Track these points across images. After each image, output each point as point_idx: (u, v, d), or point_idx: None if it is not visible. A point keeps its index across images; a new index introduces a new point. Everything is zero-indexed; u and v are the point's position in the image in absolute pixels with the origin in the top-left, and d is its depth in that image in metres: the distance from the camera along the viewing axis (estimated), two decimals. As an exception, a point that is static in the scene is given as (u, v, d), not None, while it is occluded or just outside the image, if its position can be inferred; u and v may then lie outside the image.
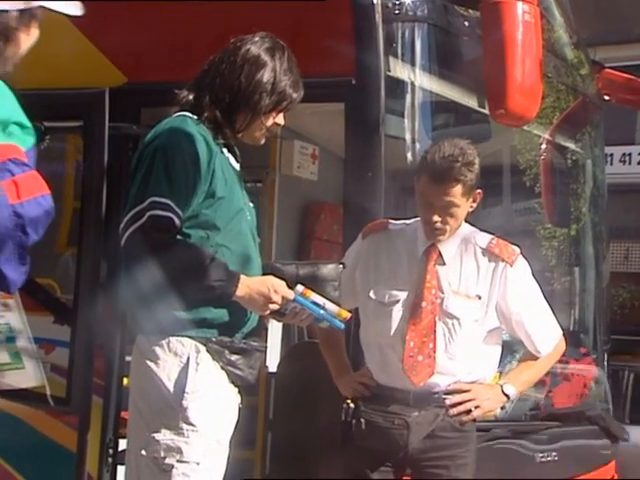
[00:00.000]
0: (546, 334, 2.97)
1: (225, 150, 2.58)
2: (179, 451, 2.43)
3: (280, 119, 2.63)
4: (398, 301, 2.84)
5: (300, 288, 2.48)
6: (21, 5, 1.99)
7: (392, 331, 2.83)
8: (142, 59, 3.60)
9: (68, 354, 3.57)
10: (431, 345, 2.80)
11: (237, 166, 2.64)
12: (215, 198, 2.48)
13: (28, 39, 2.05)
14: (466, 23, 3.44)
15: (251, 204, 2.67)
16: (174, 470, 2.43)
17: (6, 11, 1.98)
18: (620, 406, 4.99)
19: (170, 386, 2.45)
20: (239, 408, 2.58)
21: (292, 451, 3.76)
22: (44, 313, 3.64)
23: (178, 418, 2.43)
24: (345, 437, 2.88)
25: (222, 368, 2.49)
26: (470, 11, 3.34)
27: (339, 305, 2.53)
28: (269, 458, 3.96)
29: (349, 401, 2.90)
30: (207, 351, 2.47)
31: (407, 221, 2.96)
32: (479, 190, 2.83)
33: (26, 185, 1.78)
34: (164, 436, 2.43)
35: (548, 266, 4.25)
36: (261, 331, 2.72)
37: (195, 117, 2.53)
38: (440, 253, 2.86)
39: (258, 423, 3.96)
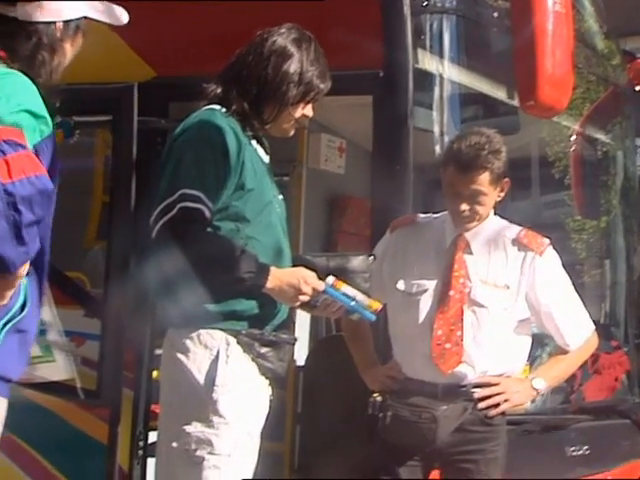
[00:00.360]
0: (576, 327, 2.95)
1: (254, 142, 2.58)
2: (210, 443, 2.44)
3: (308, 110, 2.63)
4: (426, 290, 2.84)
5: (331, 280, 2.47)
6: (67, 16, 2.03)
7: (420, 321, 2.83)
8: (170, 53, 3.60)
9: (98, 347, 3.59)
10: (459, 333, 2.79)
11: (266, 158, 2.65)
12: (245, 190, 2.49)
13: (73, 50, 2.11)
14: (495, 14, 3.42)
15: (280, 196, 2.68)
16: (205, 462, 2.44)
17: (53, 23, 2.02)
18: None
19: (200, 379, 2.45)
20: (270, 401, 2.58)
21: (321, 444, 3.76)
22: (74, 306, 3.67)
23: (208, 410, 2.44)
24: (372, 431, 2.88)
25: (252, 360, 2.50)
26: (499, 2, 3.31)
27: (370, 297, 2.53)
28: (298, 451, 3.96)
29: (376, 394, 2.89)
30: (237, 343, 2.47)
31: (434, 215, 2.95)
32: (507, 179, 2.82)
33: (18, 165, 1.79)
34: (195, 428, 2.44)
35: (578, 259, 4.22)
36: (290, 324, 2.73)
37: (224, 110, 2.54)
38: (468, 243, 2.86)
39: (287, 416, 3.95)
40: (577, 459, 3.66)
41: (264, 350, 2.51)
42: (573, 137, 4.09)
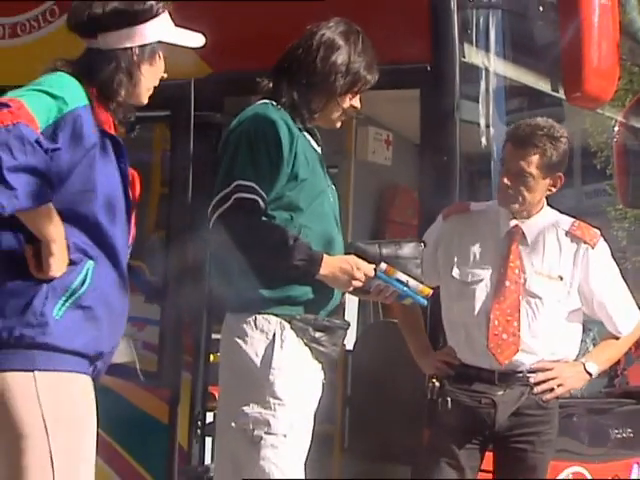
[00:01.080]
0: (626, 315, 2.92)
1: (306, 133, 2.57)
2: (267, 424, 2.44)
3: (356, 102, 2.61)
4: (482, 280, 2.81)
5: (384, 266, 2.46)
6: (142, 41, 2.11)
7: (476, 310, 2.80)
8: (225, 50, 3.59)
9: (158, 332, 3.60)
10: (515, 324, 2.76)
11: (319, 149, 2.63)
12: (298, 180, 2.48)
13: (152, 70, 2.18)
14: (541, 8, 3.35)
15: (333, 187, 2.66)
16: (262, 442, 2.44)
17: (129, 48, 2.10)
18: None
19: (257, 362, 2.46)
20: (322, 384, 2.57)
21: (370, 427, 3.75)
22: (135, 293, 3.67)
23: (266, 392, 2.44)
24: (431, 415, 2.86)
25: (306, 345, 2.49)
26: (545, -4, 3.25)
27: (422, 282, 2.50)
28: (347, 433, 3.94)
29: (434, 380, 2.86)
30: (292, 328, 2.47)
31: (488, 202, 2.91)
32: (560, 174, 2.77)
33: None
34: (252, 409, 2.44)
35: (619, 246, 4.14)
36: (340, 309, 2.71)
37: (275, 103, 2.53)
38: (523, 233, 2.82)
39: (336, 399, 3.93)
40: (621, 441, 3.61)
41: (318, 335, 2.50)
42: (616, 128, 4.01)
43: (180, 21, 3.46)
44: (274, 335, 2.46)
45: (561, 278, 2.81)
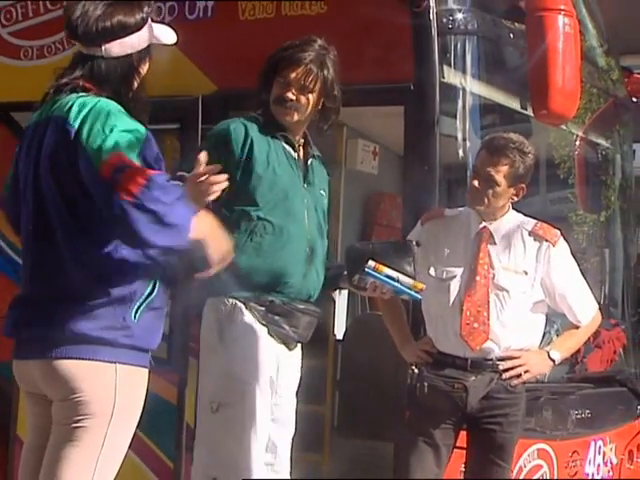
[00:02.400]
0: (586, 306, 2.94)
1: (282, 141, 2.57)
2: (221, 394, 2.45)
3: (277, 88, 2.58)
4: (455, 276, 2.82)
5: (372, 263, 2.43)
6: (140, 47, 2.12)
7: (451, 303, 2.81)
8: (229, 70, 3.58)
9: (168, 322, 3.59)
10: (485, 314, 2.78)
11: (295, 154, 2.61)
12: (253, 176, 2.49)
13: (146, 69, 2.20)
14: (511, 35, 3.35)
15: (323, 192, 2.65)
16: (219, 413, 2.45)
17: (131, 55, 2.12)
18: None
19: (212, 338, 2.50)
20: (301, 366, 2.60)
21: (356, 408, 3.75)
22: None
23: (220, 364, 2.46)
24: (411, 398, 2.86)
25: (261, 323, 2.49)
26: (515, 24, 3.24)
27: (414, 278, 2.48)
28: (337, 412, 3.94)
29: (414, 367, 2.86)
30: (246, 309, 2.48)
31: (460, 208, 2.92)
32: (523, 185, 2.79)
33: (131, 181, 1.88)
34: (210, 380, 2.48)
35: (579, 248, 4.14)
36: (325, 302, 2.71)
37: (256, 115, 2.59)
38: (491, 234, 2.84)
39: (327, 383, 3.93)
40: (580, 421, 3.63)
41: (274, 316, 2.50)
42: (577, 142, 4.02)
43: (190, 41, 3.49)
44: (228, 314, 2.48)
45: (526, 273, 2.82)
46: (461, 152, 3.28)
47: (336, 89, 2.60)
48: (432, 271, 2.85)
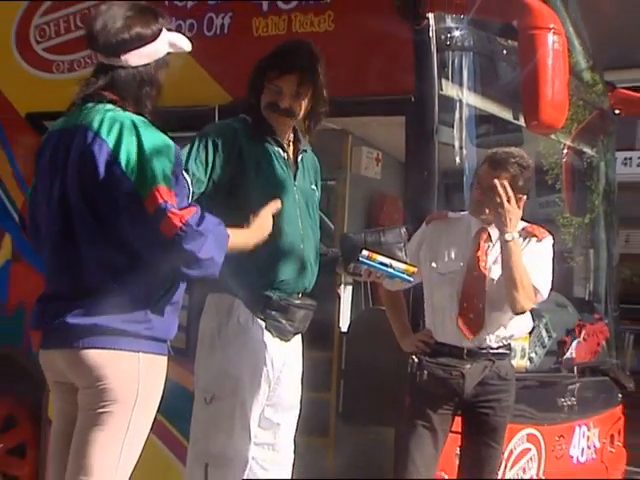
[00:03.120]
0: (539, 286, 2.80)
1: (274, 145, 2.52)
2: (215, 387, 2.44)
3: (270, 95, 2.53)
4: (454, 271, 2.84)
5: (365, 253, 2.43)
6: (158, 56, 2.12)
7: (449, 295, 2.82)
8: (243, 81, 3.60)
9: (187, 315, 3.60)
10: (480, 306, 2.80)
11: (284, 154, 2.55)
12: (244, 177, 2.45)
13: (164, 74, 2.19)
14: (504, 51, 3.37)
15: (314, 187, 2.61)
16: (212, 404, 2.44)
17: (149, 64, 2.12)
18: (623, 360, 4.88)
19: (210, 331, 2.48)
20: (302, 354, 2.57)
21: (360, 395, 3.76)
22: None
23: (216, 358, 2.44)
24: (411, 385, 2.87)
25: (259, 318, 2.47)
26: (509, 41, 3.26)
27: (405, 263, 2.47)
28: (342, 399, 3.96)
29: (414, 356, 2.88)
30: (244, 304, 2.45)
31: (462, 212, 2.94)
32: (523, 197, 2.79)
33: (176, 219, 1.95)
34: (205, 373, 2.48)
35: (566, 248, 4.16)
36: (332, 296, 2.69)
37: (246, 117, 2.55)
38: (489, 234, 2.85)
39: (332, 372, 3.95)
40: (566, 408, 3.65)
41: (271, 311, 2.47)
42: (564, 150, 4.03)
43: (207, 54, 3.51)
44: (226, 309, 2.46)
45: None
46: (458, 159, 3.30)
47: (325, 92, 2.52)
48: (434, 266, 2.88)
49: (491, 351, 2.83)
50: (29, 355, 3.87)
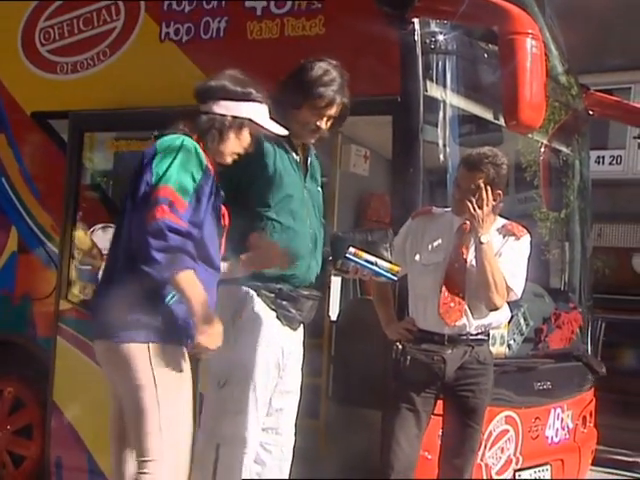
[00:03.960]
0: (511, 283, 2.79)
1: (289, 148, 2.55)
2: (229, 373, 2.45)
3: (321, 122, 2.55)
4: (437, 263, 2.83)
5: (352, 250, 2.44)
6: (235, 113, 2.27)
7: (432, 285, 2.81)
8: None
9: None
10: (461, 295, 2.78)
11: (297, 157, 2.58)
12: (263, 181, 2.48)
13: (238, 142, 2.31)
14: (486, 55, 3.36)
15: (319, 189, 2.64)
16: (224, 389, 2.45)
17: (224, 115, 2.26)
18: (595, 347, 4.89)
19: (224, 320, 2.41)
20: (302, 342, 2.58)
21: (349, 379, 3.75)
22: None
23: (230, 345, 2.41)
24: (396, 370, 2.86)
25: (270, 308, 2.49)
26: (490, 45, 3.24)
27: (390, 262, 2.48)
28: (331, 384, 3.95)
29: (398, 343, 2.87)
30: (258, 295, 2.47)
31: (446, 208, 2.93)
32: (500, 192, 2.79)
33: (159, 212, 2.12)
34: (220, 359, 2.42)
35: (543, 241, 4.16)
36: (321, 286, 2.72)
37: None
38: (470, 228, 2.83)
39: (323, 358, 3.94)
40: (542, 392, 3.65)
41: (282, 302, 2.50)
42: (542, 149, 4.02)
43: (205, 57, 3.47)
44: (242, 300, 2.48)
45: None
46: (442, 157, 3.28)
47: (348, 111, 2.62)
48: (418, 258, 2.87)
49: (470, 337, 2.83)
50: (34, 342, 3.88)
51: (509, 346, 3.51)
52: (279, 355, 2.53)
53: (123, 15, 3.80)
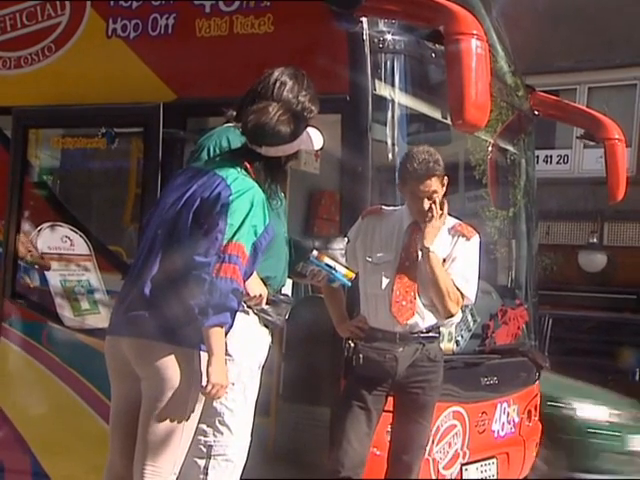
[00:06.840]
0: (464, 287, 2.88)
1: None
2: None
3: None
4: (388, 262, 2.84)
5: (315, 253, 2.51)
6: (287, 152, 2.42)
7: (384, 284, 2.83)
8: (187, 80, 3.54)
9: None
10: (412, 294, 2.80)
11: None
12: None
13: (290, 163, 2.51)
14: (433, 54, 3.39)
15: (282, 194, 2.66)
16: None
17: (280, 157, 2.41)
18: (542, 342, 5.00)
19: None
20: (270, 346, 2.59)
21: (299, 377, 3.76)
22: (115, 272, 3.61)
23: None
24: (347, 368, 2.87)
25: (255, 314, 2.49)
26: (436, 45, 3.28)
27: (347, 268, 2.54)
28: (282, 381, 3.94)
29: (350, 342, 2.89)
30: (244, 301, 2.45)
31: (396, 207, 2.96)
32: (445, 177, 2.83)
33: (228, 270, 2.22)
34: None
35: (492, 239, 4.22)
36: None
37: (237, 126, 2.52)
38: (420, 228, 2.87)
39: (274, 356, 3.92)
40: (489, 387, 3.71)
41: (266, 307, 2.50)
42: (489, 148, 4.08)
43: (155, 55, 3.43)
44: None
45: (444, 260, 2.87)
46: (390, 155, 3.30)
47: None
48: (368, 257, 2.88)
49: (422, 335, 2.85)
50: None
51: (457, 342, 3.54)
52: (263, 356, 2.56)
53: (68, 10, 3.73)
